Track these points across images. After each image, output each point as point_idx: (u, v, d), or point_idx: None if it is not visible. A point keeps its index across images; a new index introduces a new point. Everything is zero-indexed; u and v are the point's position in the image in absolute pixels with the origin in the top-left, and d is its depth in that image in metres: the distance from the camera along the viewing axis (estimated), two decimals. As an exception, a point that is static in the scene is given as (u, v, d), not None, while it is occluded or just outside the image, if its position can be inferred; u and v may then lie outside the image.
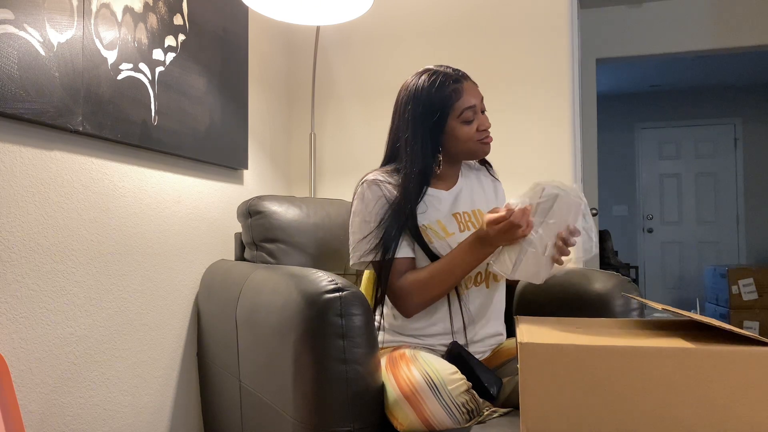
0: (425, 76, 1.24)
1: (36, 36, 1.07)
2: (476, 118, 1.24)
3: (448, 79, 1.23)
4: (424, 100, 1.22)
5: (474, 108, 1.23)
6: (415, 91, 1.24)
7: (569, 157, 1.96)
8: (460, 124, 1.23)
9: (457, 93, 1.22)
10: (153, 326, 1.42)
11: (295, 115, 2.24)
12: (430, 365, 1.02)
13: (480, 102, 1.25)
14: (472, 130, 1.24)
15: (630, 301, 1.34)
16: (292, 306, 1.02)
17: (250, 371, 1.23)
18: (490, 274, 1.27)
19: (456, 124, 1.23)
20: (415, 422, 0.98)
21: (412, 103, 1.23)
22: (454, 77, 1.23)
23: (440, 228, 1.24)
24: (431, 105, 1.21)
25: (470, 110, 1.22)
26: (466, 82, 1.24)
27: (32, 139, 1.10)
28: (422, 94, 1.22)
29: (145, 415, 1.39)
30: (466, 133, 1.23)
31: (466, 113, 1.22)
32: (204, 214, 1.64)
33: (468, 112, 1.22)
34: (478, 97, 1.25)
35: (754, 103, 6.00)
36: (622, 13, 3.91)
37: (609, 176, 6.39)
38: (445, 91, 1.21)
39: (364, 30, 2.17)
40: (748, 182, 5.98)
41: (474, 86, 1.26)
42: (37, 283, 1.10)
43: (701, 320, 0.85)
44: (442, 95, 1.21)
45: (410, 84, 1.26)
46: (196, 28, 1.56)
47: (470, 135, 1.24)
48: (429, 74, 1.24)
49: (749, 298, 4.41)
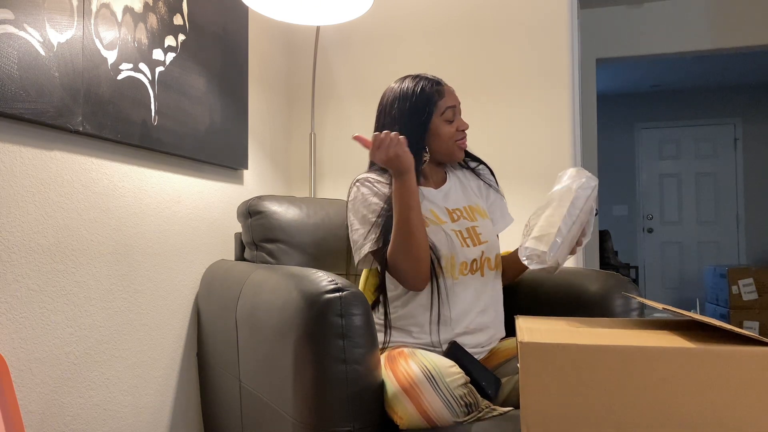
0: (408, 79, 1.34)
1: (36, 36, 1.07)
2: (456, 119, 1.34)
3: (430, 82, 1.33)
4: (411, 99, 1.31)
5: (454, 108, 1.33)
6: (401, 92, 1.33)
7: (569, 157, 1.96)
8: (443, 122, 1.32)
9: (440, 93, 1.32)
10: (153, 326, 1.42)
11: (295, 115, 2.24)
12: (428, 359, 1.04)
13: (458, 105, 1.35)
14: (452, 129, 1.33)
15: (630, 301, 1.34)
16: (292, 306, 1.02)
17: (250, 371, 1.23)
18: (485, 262, 1.30)
19: (439, 122, 1.32)
20: (414, 415, 0.98)
21: (399, 102, 1.32)
22: (435, 80, 1.34)
23: (433, 216, 1.30)
24: (417, 103, 1.31)
25: (451, 109, 1.32)
26: (445, 85, 1.35)
27: (32, 139, 1.10)
28: (408, 94, 1.32)
29: (145, 415, 1.39)
30: (447, 132, 1.32)
31: (448, 112, 1.32)
32: (204, 214, 1.64)
33: (449, 111, 1.32)
34: (456, 100, 1.35)
35: (754, 103, 6.00)
36: (622, 13, 3.91)
37: (609, 176, 6.39)
38: (428, 91, 1.31)
39: (364, 30, 2.17)
40: (748, 182, 5.98)
41: (452, 90, 1.36)
42: (37, 283, 1.10)
43: (701, 320, 0.85)
44: (426, 94, 1.31)
45: (395, 87, 1.36)
46: (196, 28, 1.56)
47: (451, 134, 1.33)
48: (412, 78, 1.35)
49: (749, 298, 4.41)
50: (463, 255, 1.27)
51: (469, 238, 1.29)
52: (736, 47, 3.69)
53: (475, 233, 1.31)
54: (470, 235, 1.30)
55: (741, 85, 6.02)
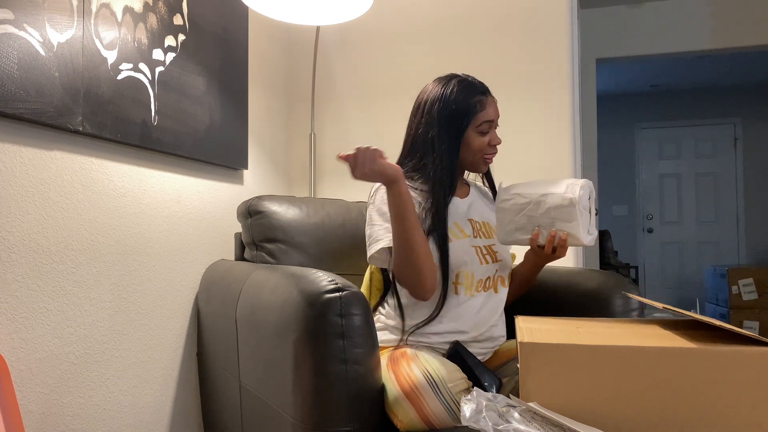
0: (455, 81, 1.29)
1: (36, 36, 1.07)
2: (490, 133, 1.29)
3: (476, 90, 1.28)
4: (453, 103, 1.26)
5: (492, 123, 1.28)
6: (443, 93, 1.28)
7: (569, 157, 1.96)
8: (476, 134, 1.27)
9: (482, 104, 1.27)
10: (153, 326, 1.42)
11: (295, 115, 2.24)
12: (431, 363, 1.03)
13: (496, 119, 1.30)
14: (484, 143, 1.28)
15: (630, 301, 1.34)
16: (292, 306, 1.02)
17: (250, 371, 1.23)
18: (498, 279, 1.30)
19: (473, 134, 1.27)
20: (415, 420, 0.98)
21: (440, 103, 1.27)
22: (481, 89, 1.29)
23: (457, 229, 1.28)
24: (458, 109, 1.26)
25: (488, 124, 1.28)
26: (490, 96, 1.30)
27: (32, 139, 1.10)
28: (452, 97, 1.27)
29: (145, 414, 1.39)
30: (478, 145, 1.28)
31: (484, 125, 1.27)
32: (204, 214, 1.64)
33: (486, 125, 1.27)
34: (496, 113, 1.30)
35: (754, 103, 6.00)
36: (622, 13, 3.91)
37: (609, 176, 6.39)
38: (472, 99, 1.26)
39: (364, 30, 2.17)
40: (748, 182, 5.98)
41: (495, 102, 1.31)
42: (37, 283, 1.10)
43: (702, 320, 0.85)
44: (469, 102, 1.26)
45: (437, 86, 1.30)
46: (196, 28, 1.56)
47: (482, 147, 1.28)
48: (458, 80, 1.29)
49: (749, 298, 4.41)
50: (480, 272, 1.27)
51: (488, 254, 1.29)
52: (736, 47, 3.69)
53: (492, 251, 1.31)
54: (488, 252, 1.30)
55: (741, 85, 6.02)
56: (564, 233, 1.17)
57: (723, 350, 0.75)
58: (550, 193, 1.18)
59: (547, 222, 1.19)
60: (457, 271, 1.24)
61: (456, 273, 1.24)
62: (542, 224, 1.19)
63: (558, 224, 1.18)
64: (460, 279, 1.25)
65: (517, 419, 0.75)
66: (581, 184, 1.17)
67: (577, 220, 1.16)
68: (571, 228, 1.17)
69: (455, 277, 1.24)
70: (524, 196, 1.21)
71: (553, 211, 1.18)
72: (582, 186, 1.17)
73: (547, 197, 1.18)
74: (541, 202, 1.19)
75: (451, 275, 1.24)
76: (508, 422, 0.74)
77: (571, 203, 1.15)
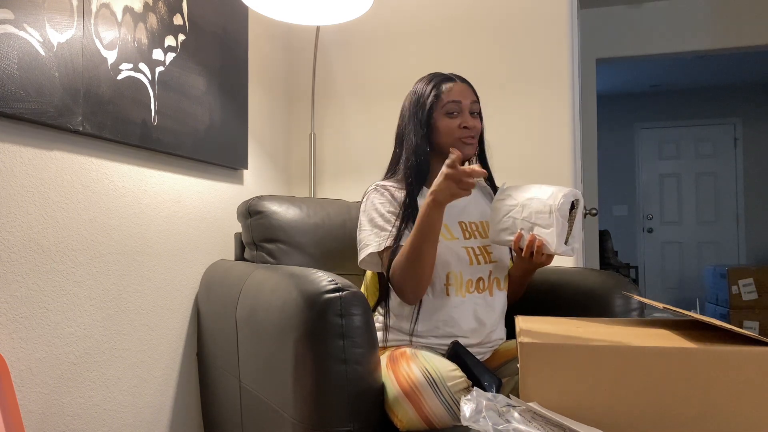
0: (425, 78, 1.33)
1: (36, 36, 1.07)
2: (461, 115, 1.27)
3: (440, 76, 1.31)
4: (418, 92, 1.31)
5: (459, 103, 1.27)
6: (414, 88, 1.34)
7: (569, 157, 1.96)
8: (444, 116, 1.27)
9: (447, 87, 1.28)
10: (153, 326, 1.42)
11: (295, 115, 2.24)
12: (430, 362, 1.03)
13: (469, 103, 1.28)
14: (453, 124, 1.27)
15: (630, 301, 1.34)
16: (292, 306, 1.02)
17: (250, 371, 1.23)
18: (494, 281, 1.29)
19: (440, 116, 1.28)
20: (414, 419, 0.98)
21: (409, 97, 1.33)
22: (447, 76, 1.31)
23: (446, 231, 1.27)
24: (422, 95, 1.30)
25: (454, 104, 1.27)
26: (457, 81, 1.30)
27: (32, 139, 1.10)
28: (418, 91, 1.32)
29: (145, 414, 1.39)
30: (446, 126, 1.27)
31: (450, 105, 1.26)
32: (204, 214, 1.64)
33: (452, 104, 1.27)
34: (467, 97, 1.28)
35: (754, 103, 6.00)
36: (622, 13, 3.91)
37: (609, 176, 6.39)
38: (434, 84, 1.29)
39: (364, 30, 2.17)
40: (748, 182, 5.98)
41: (466, 87, 1.29)
42: (37, 283, 1.10)
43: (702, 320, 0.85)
44: (431, 89, 1.29)
45: (413, 87, 1.35)
46: (196, 28, 1.56)
47: (451, 128, 1.27)
48: (427, 76, 1.33)
49: (749, 298, 4.41)
50: (469, 272, 1.26)
51: (481, 255, 1.28)
52: (736, 47, 3.69)
53: (486, 251, 1.30)
54: (482, 252, 1.29)
55: (741, 85, 6.02)
56: (540, 239, 1.17)
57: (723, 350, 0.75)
58: (535, 198, 1.18)
59: (527, 226, 1.19)
60: (446, 272, 1.24)
61: (446, 274, 1.24)
62: (524, 228, 1.19)
63: (536, 229, 1.17)
64: (450, 280, 1.24)
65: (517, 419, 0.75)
66: (565, 192, 1.15)
67: (552, 227, 1.15)
68: (546, 235, 1.16)
69: (446, 278, 1.24)
70: (514, 198, 1.21)
71: (534, 216, 1.17)
72: (565, 194, 1.15)
73: (532, 201, 1.18)
74: (525, 205, 1.19)
75: (440, 276, 1.24)
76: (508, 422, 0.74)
77: (550, 210, 1.15)
